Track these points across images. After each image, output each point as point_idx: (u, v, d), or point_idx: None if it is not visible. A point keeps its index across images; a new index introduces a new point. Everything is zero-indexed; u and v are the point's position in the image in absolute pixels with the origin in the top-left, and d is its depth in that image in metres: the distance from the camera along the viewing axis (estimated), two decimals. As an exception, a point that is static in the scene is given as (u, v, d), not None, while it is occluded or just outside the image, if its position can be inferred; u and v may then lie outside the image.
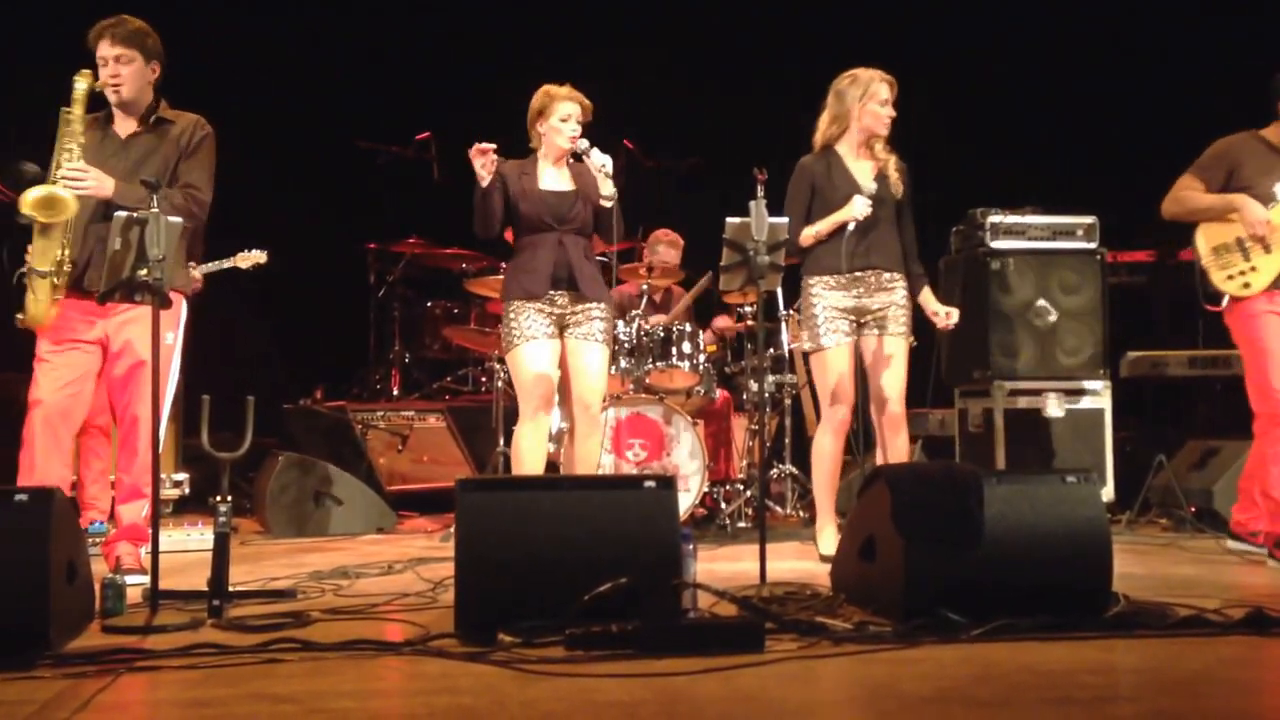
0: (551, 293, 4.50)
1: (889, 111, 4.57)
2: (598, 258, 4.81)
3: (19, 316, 3.92)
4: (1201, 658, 2.69)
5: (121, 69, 4.01)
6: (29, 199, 3.79)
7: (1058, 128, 7.56)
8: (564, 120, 4.48)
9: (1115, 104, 7.42)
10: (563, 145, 4.50)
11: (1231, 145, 4.53)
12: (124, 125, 4.11)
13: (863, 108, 4.57)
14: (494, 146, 4.35)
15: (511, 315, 4.53)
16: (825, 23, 7.90)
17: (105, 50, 4.01)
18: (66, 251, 3.88)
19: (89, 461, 4.54)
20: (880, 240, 4.55)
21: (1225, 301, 4.49)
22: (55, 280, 3.88)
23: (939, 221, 5.90)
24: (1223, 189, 4.48)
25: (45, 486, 2.96)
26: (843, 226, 4.47)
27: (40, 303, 3.87)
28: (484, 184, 4.37)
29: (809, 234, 4.53)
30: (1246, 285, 4.42)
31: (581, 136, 4.49)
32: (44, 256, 3.85)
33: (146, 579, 3.42)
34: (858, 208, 4.44)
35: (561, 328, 4.56)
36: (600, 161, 4.40)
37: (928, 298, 4.66)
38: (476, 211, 4.45)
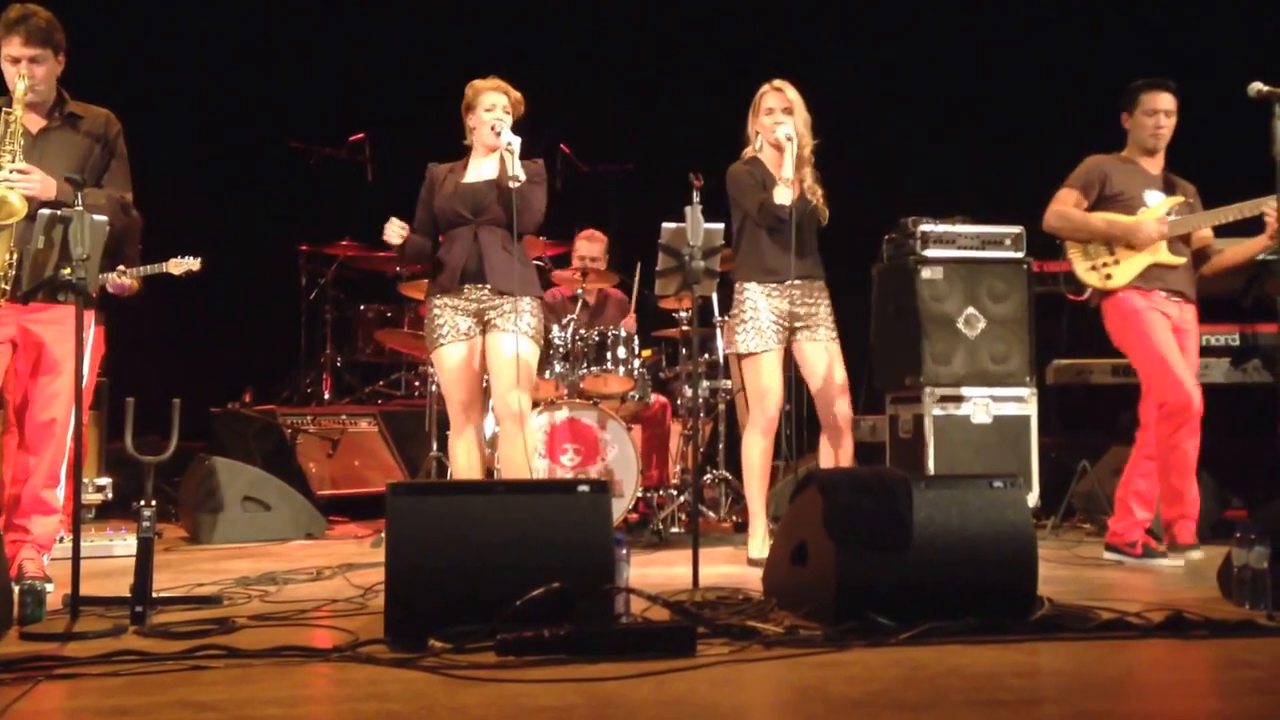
0: (466, 287, 4.45)
1: (775, 120, 4.58)
2: (534, 261, 4.77)
3: None
4: (1123, 660, 2.75)
5: (36, 69, 3.78)
6: None
7: (987, 137, 7.67)
8: (489, 110, 4.47)
9: (1045, 114, 7.55)
10: (488, 138, 4.47)
11: (1101, 160, 4.71)
12: (30, 119, 3.86)
13: (756, 122, 4.63)
14: (401, 234, 4.47)
15: (432, 313, 4.51)
16: (760, 29, 7.95)
17: (17, 50, 3.76)
18: (13, 256, 3.66)
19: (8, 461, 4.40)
20: (811, 253, 4.65)
21: (1088, 293, 4.70)
22: (4, 285, 3.67)
23: (871, 229, 5.96)
24: (1098, 200, 4.65)
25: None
26: (779, 231, 4.51)
27: None
28: (394, 241, 4.50)
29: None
30: (1108, 278, 4.57)
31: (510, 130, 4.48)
32: None
33: (51, 586, 3.33)
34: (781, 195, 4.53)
35: (484, 324, 4.49)
36: (508, 140, 4.37)
37: None
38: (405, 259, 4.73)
